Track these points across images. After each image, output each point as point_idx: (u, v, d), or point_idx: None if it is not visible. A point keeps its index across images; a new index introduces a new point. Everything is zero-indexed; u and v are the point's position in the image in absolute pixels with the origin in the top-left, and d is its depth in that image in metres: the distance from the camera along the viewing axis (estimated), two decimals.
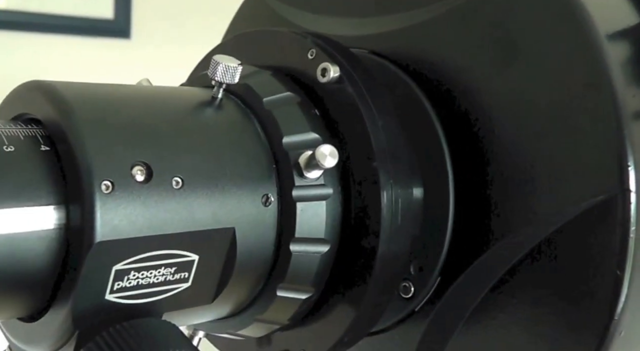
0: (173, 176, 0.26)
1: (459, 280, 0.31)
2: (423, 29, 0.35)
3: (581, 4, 0.29)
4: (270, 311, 0.31)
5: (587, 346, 0.28)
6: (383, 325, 0.36)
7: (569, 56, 0.29)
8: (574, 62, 0.29)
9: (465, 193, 0.33)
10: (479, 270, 0.31)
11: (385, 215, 0.30)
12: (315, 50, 0.32)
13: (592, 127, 0.28)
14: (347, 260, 0.30)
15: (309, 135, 0.30)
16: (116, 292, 0.26)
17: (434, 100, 0.34)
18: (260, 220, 0.29)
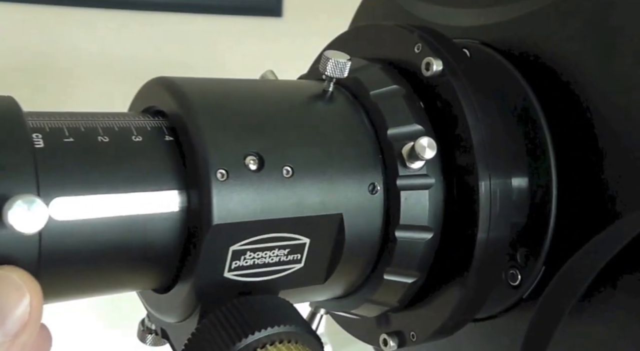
0: (284, 165, 0.29)
1: (563, 269, 0.32)
2: (529, 20, 0.35)
3: None
4: (380, 293, 0.33)
5: None
6: (491, 312, 0.37)
7: None
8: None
9: (568, 181, 0.33)
10: (582, 260, 0.31)
11: (484, 204, 0.31)
12: (421, 44, 0.33)
13: None
14: (450, 247, 0.32)
15: (413, 126, 0.31)
16: (234, 270, 0.28)
17: (538, 89, 0.34)
18: (367, 207, 0.31)
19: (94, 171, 0.26)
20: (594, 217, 0.32)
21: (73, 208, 0.25)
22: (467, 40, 0.39)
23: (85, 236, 0.26)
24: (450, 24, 0.40)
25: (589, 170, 0.32)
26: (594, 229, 0.32)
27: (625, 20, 0.31)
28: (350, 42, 0.38)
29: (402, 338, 0.35)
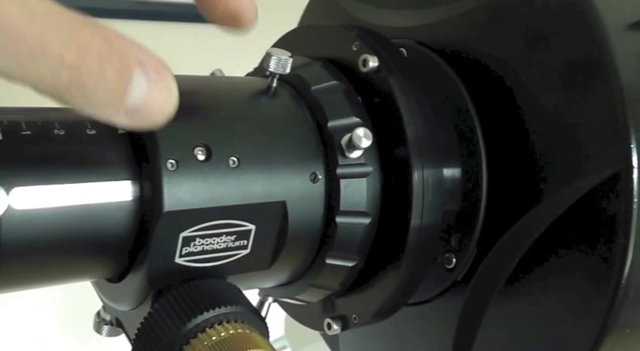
0: (230, 156, 0.30)
1: (492, 251, 0.34)
2: (461, 20, 0.38)
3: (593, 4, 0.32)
4: (322, 277, 0.35)
5: (600, 310, 0.31)
6: (429, 295, 0.40)
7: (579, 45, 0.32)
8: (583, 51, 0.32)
9: (497, 169, 0.36)
10: (509, 241, 0.34)
11: (417, 193, 0.33)
12: (358, 43, 0.35)
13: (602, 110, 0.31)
14: (387, 232, 0.34)
15: (351, 119, 0.33)
16: (184, 256, 0.30)
17: (469, 84, 0.37)
18: (309, 195, 0.33)
19: (51, 162, 0.27)
20: (521, 200, 0.35)
21: (31, 197, 0.26)
22: (404, 40, 0.41)
23: (43, 225, 0.27)
24: (389, 24, 0.42)
25: (516, 157, 0.35)
26: (521, 212, 0.34)
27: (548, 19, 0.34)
28: (293, 42, 0.40)
29: (345, 322, 0.37)
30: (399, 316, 0.40)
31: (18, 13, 0.21)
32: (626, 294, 0.30)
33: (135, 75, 0.23)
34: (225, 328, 0.28)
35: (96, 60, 0.22)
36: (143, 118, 0.24)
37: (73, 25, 0.22)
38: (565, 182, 0.32)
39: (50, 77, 0.22)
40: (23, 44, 0.21)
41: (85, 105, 0.23)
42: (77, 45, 0.22)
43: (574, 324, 0.33)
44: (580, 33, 0.32)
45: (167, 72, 0.25)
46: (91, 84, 0.23)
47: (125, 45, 0.24)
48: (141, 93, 0.24)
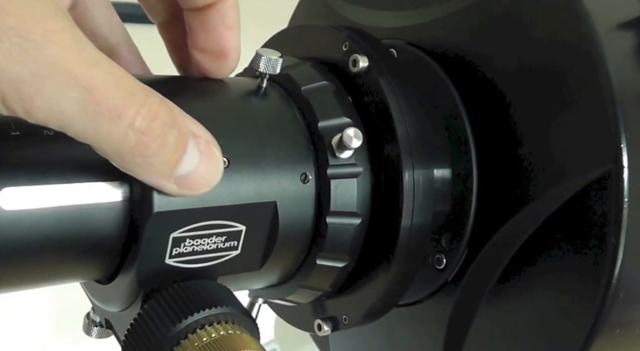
0: None
1: (483, 251, 0.35)
2: (450, 20, 0.38)
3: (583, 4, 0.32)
4: (313, 278, 0.35)
5: (590, 310, 0.31)
6: (419, 296, 0.40)
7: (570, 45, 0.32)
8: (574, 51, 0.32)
9: (488, 169, 0.36)
10: (500, 241, 0.34)
11: (407, 193, 0.33)
12: (348, 43, 0.35)
13: (592, 110, 0.31)
14: (377, 233, 0.34)
15: (341, 119, 0.33)
16: (175, 257, 0.30)
17: (460, 84, 0.37)
18: (300, 195, 0.32)
19: (41, 163, 0.27)
20: (511, 200, 0.35)
21: (21, 198, 0.26)
22: (394, 40, 0.41)
23: (32, 225, 0.27)
24: (379, 25, 0.42)
25: (506, 157, 0.35)
26: (512, 212, 0.34)
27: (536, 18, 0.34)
28: (283, 42, 0.40)
29: (335, 323, 0.37)
30: (390, 317, 0.40)
31: (103, 77, 0.24)
32: (616, 294, 0.30)
33: (190, 146, 0.26)
34: (215, 329, 0.28)
35: (161, 128, 0.25)
36: (189, 187, 0.27)
37: (145, 94, 0.25)
38: (556, 182, 0.33)
39: (119, 138, 0.24)
40: (104, 106, 0.23)
41: (142, 169, 0.26)
42: (147, 112, 0.25)
43: (564, 324, 0.33)
44: (570, 33, 0.32)
45: (216, 147, 0.27)
46: (153, 148, 0.25)
47: (184, 118, 0.26)
48: (192, 163, 0.26)
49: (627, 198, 0.30)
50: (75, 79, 0.23)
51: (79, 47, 0.23)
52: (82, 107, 0.23)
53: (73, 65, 0.23)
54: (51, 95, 0.23)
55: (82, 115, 0.23)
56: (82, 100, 0.23)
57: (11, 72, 0.22)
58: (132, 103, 0.24)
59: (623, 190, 0.30)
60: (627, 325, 0.32)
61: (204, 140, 0.27)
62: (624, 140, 0.30)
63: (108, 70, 0.24)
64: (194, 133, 0.26)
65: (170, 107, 0.26)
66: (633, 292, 0.31)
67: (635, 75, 0.32)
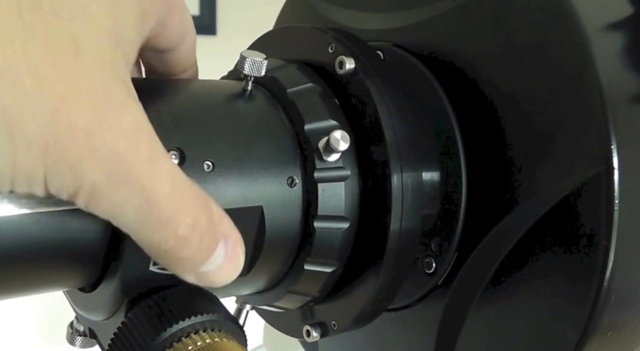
0: (204, 160, 0.30)
1: (473, 255, 0.34)
2: (436, 22, 0.37)
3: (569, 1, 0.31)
4: (301, 283, 0.34)
5: (582, 313, 0.30)
6: (409, 300, 0.39)
7: (558, 46, 0.32)
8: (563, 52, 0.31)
9: (476, 172, 0.35)
10: (490, 244, 0.33)
11: (396, 196, 0.33)
12: (334, 44, 0.35)
13: (582, 111, 0.31)
14: (366, 237, 0.33)
15: (328, 122, 0.33)
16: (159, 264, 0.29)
17: (447, 86, 0.37)
18: (287, 199, 0.32)
19: None
20: (501, 203, 0.34)
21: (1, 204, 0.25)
22: (381, 43, 0.41)
23: (13, 233, 0.26)
24: (365, 27, 0.42)
25: (495, 159, 0.35)
26: (502, 215, 0.34)
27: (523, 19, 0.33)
28: (268, 44, 0.40)
29: (324, 328, 0.37)
30: (379, 322, 0.39)
31: (163, 187, 0.25)
32: (608, 297, 0.30)
33: (219, 248, 0.27)
34: (201, 337, 0.27)
35: (199, 236, 0.26)
36: (208, 281, 0.28)
37: (194, 201, 0.26)
38: (546, 184, 0.32)
39: (159, 240, 0.26)
40: (157, 215, 0.25)
41: (170, 263, 0.27)
42: (191, 222, 0.26)
43: (556, 327, 0.32)
44: (559, 34, 0.32)
45: (241, 246, 0.28)
46: (186, 253, 0.26)
47: (221, 220, 0.27)
48: (217, 263, 0.27)
49: (618, 200, 0.29)
50: (141, 188, 0.25)
51: (151, 157, 0.25)
52: (138, 212, 0.25)
53: (143, 175, 0.25)
54: (118, 198, 0.25)
55: (136, 218, 0.25)
56: (141, 207, 0.25)
57: (93, 177, 0.24)
58: (181, 213, 0.26)
59: (614, 192, 0.29)
60: (619, 327, 0.32)
61: (233, 241, 0.28)
62: (615, 142, 0.29)
63: (169, 179, 0.26)
64: (226, 235, 0.27)
65: (211, 213, 0.27)
66: (625, 294, 0.31)
67: (624, 76, 0.31)
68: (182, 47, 0.33)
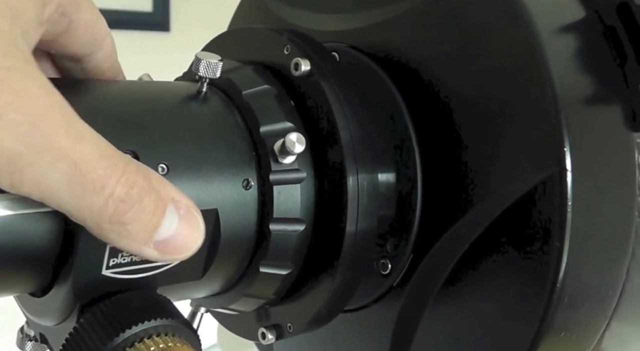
0: (159, 163, 0.29)
1: (428, 256, 0.34)
2: (391, 24, 0.37)
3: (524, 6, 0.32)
4: (256, 286, 0.34)
5: (536, 313, 0.31)
6: (365, 302, 0.39)
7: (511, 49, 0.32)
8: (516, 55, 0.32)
9: (432, 173, 0.36)
10: (445, 246, 0.34)
11: (351, 198, 0.33)
12: (289, 46, 0.35)
13: (535, 113, 0.31)
14: (322, 239, 0.33)
15: (284, 124, 0.33)
16: (112, 268, 0.29)
17: (402, 88, 0.37)
18: (242, 202, 0.32)
19: None
20: (457, 205, 0.35)
21: None
22: (337, 44, 0.41)
23: None
24: (321, 28, 0.42)
25: (451, 161, 0.35)
26: (457, 216, 0.34)
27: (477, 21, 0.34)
28: (224, 45, 0.40)
29: (279, 331, 0.37)
30: (336, 323, 0.39)
31: (89, 150, 0.25)
32: (561, 298, 0.31)
33: (169, 211, 0.27)
34: (155, 342, 0.27)
35: (138, 194, 0.26)
36: (170, 251, 0.27)
37: (125, 163, 0.26)
38: (501, 186, 0.32)
39: (99, 207, 0.25)
40: (89, 177, 0.25)
41: (120, 236, 0.26)
42: (126, 180, 0.25)
43: (510, 328, 0.33)
44: (512, 37, 0.32)
45: (197, 211, 0.28)
46: (131, 215, 0.26)
47: (162, 184, 0.27)
48: (171, 228, 0.27)
49: (571, 202, 0.30)
50: (65, 152, 0.24)
51: (68, 122, 0.25)
52: (69, 179, 0.24)
53: (63, 139, 0.24)
54: (42, 168, 0.24)
55: (68, 187, 0.25)
56: (70, 173, 0.24)
57: (8, 147, 0.23)
58: (113, 173, 0.25)
59: (567, 194, 0.30)
60: (572, 328, 0.32)
61: (184, 205, 0.27)
62: (568, 144, 0.30)
63: (93, 142, 0.25)
64: (174, 199, 0.27)
65: (147, 173, 0.27)
66: (577, 295, 0.31)
67: (578, 79, 0.32)
68: (99, 54, 0.33)
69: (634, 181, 0.32)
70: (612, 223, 0.32)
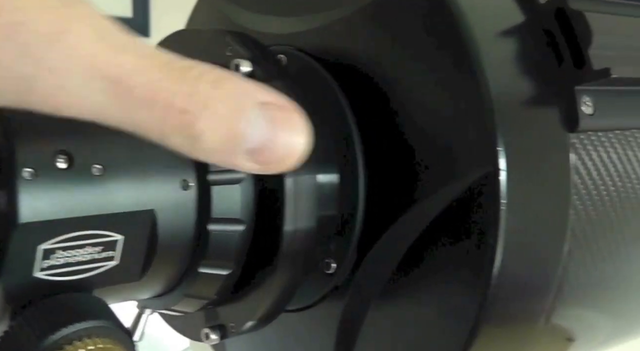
0: (93, 164, 0.29)
1: (369, 255, 0.35)
2: (337, 26, 0.38)
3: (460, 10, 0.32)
4: (197, 287, 0.34)
5: (471, 311, 0.31)
6: (311, 301, 0.40)
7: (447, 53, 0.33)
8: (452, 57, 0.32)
9: (375, 175, 0.36)
10: (386, 245, 0.34)
11: (289, 198, 0.33)
12: (232, 47, 0.35)
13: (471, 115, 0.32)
14: (262, 239, 0.33)
15: None
16: (46, 270, 0.28)
17: (347, 90, 0.37)
18: (180, 202, 0.32)
19: None
20: (399, 204, 0.35)
21: None
22: (284, 47, 0.41)
23: None
24: (270, 31, 0.42)
25: (393, 161, 0.35)
26: (399, 216, 0.34)
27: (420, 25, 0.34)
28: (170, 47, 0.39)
29: (223, 331, 0.37)
30: (283, 322, 0.39)
31: (132, 62, 0.22)
32: (496, 295, 0.31)
33: (254, 115, 0.23)
34: (84, 344, 0.26)
35: (204, 102, 0.22)
36: (269, 161, 0.23)
37: (180, 70, 0.23)
38: (440, 185, 0.33)
39: (158, 123, 0.22)
40: (135, 93, 0.22)
41: (198, 149, 0.23)
42: (186, 90, 0.22)
43: (447, 325, 0.33)
44: (450, 39, 0.32)
45: (293, 110, 0.24)
46: (201, 126, 0.22)
47: (238, 85, 0.23)
48: (261, 135, 0.23)
49: (504, 200, 0.30)
50: (99, 69, 0.21)
51: (100, 33, 0.22)
52: (112, 97, 0.22)
53: (95, 54, 0.21)
54: (75, 90, 0.22)
55: (115, 106, 0.22)
56: (111, 91, 0.22)
57: (22, 73, 0.21)
58: (165, 85, 0.22)
59: (500, 193, 0.30)
60: (507, 326, 0.33)
61: (274, 105, 0.23)
62: (502, 144, 0.30)
63: (138, 53, 0.22)
64: (258, 100, 0.23)
65: (216, 77, 0.23)
66: (512, 291, 0.32)
67: (516, 81, 0.32)
68: None
69: (569, 181, 0.33)
70: (548, 222, 0.33)
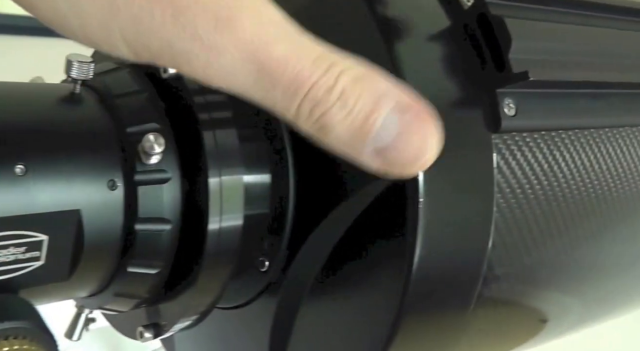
0: (15, 164, 0.29)
1: (299, 253, 0.35)
2: None
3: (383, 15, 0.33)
4: (127, 286, 0.34)
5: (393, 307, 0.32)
6: (247, 298, 0.40)
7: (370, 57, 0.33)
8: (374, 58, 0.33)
9: (305, 174, 0.36)
10: (314, 243, 0.35)
11: (213, 198, 0.33)
12: None
13: None
14: (189, 238, 0.34)
15: (150, 125, 0.33)
16: None
17: None
18: (107, 202, 0.32)
19: None
20: (329, 201, 0.35)
21: None
22: None
23: None
24: None
25: (322, 160, 0.36)
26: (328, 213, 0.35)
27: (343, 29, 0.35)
28: None
29: (157, 329, 0.37)
30: (223, 320, 0.40)
31: (283, 52, 0.23)
32: (416, 291, 0.32)
33: (388, 114, 0.23)
34: (1, 345, 0.27)
35: (339, 97, 0.23)
36: (395, 163, 0.24)
37: (327, 64, 0.23)
38: (363, 183, 0.33)
39: (296, 109, 0.23)
40: (281, 81, 0.23)
41: (328, 138, 0.24)
42: (328, 84, 0.23)
43: (372, 320, 0.34)
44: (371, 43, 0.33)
45: (428, 115, 0.24)
46: (331, 118, 0.23)
47: (377, 84, 0.24)
48: (390, 134, 0.23)
49: (422, 198, 0.31)
50: (255, 55, 0.23)
51: (263, 21, 0.23)
52: (258, 80, 0.23)
53: (254, 41, 0.23)
54: (230, 69, 0.23)
55: (259, 88, 0.23)
56: (258, 75, 0.23)
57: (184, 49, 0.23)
58: (308, 75, 0.23)
59: (418, 190, 0.31)
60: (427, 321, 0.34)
61: (408, 106, 0.23)
62: None
63: (293, 44, 0.23)
64: (392, 99, 0.23)
65: (355, 73, 0.24)
66: (434, 286, 0.33)
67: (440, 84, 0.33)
68: None
69: (492, 179, 0.34)
70: (471, 219, 0.33)
